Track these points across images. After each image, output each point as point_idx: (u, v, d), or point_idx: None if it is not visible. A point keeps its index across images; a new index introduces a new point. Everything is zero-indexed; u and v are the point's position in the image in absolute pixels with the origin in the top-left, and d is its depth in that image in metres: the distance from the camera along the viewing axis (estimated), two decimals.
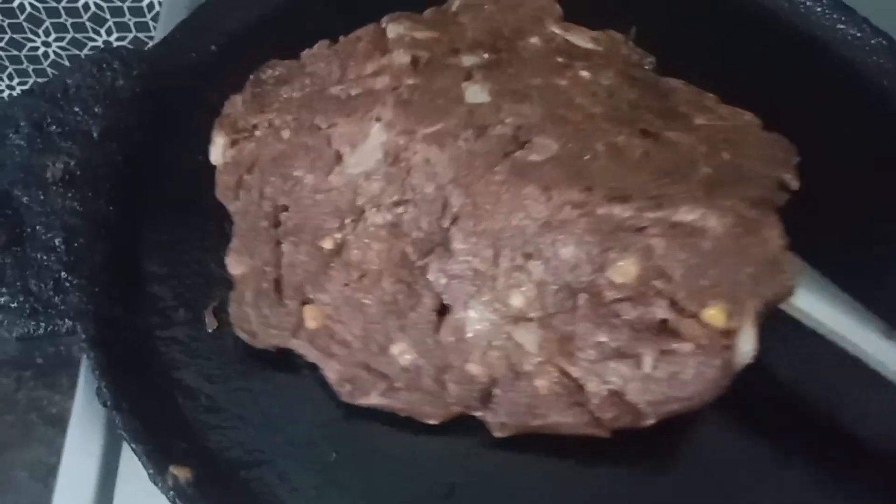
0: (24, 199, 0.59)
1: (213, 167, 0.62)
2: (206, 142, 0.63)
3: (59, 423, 1.08)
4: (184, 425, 0.53)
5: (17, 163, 0.61)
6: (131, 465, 0.53)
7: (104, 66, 0.65)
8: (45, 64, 1.19)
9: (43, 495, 1.03)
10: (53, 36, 1.15)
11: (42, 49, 1.17)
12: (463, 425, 0.52)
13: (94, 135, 0.62)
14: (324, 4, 0.74)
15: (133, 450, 0.50)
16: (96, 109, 0.63)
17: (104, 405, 0.52)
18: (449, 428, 0.52)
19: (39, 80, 1.21)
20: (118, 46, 0.67)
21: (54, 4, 1.10)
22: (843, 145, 0.66)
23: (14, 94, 1.24)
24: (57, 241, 0.57)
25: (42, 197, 0.59)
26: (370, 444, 0.52)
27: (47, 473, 1.04)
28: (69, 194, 0.59)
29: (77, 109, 0.63)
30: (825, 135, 0.66)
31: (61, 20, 1.13)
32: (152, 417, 0.52)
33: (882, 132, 0.68)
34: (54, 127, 0.62)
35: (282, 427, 0.53)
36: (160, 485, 0.49)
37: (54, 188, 0.60)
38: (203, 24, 0.70)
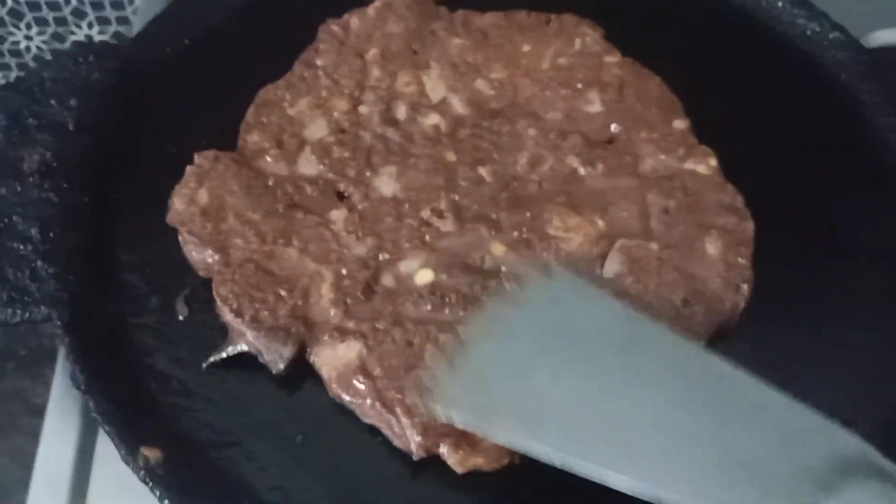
0: (2, 191, 0.60)
1: (185, 158, 0.63)
2: (179, 133, 0.65)
3: (42, 413, 1.09)
4: (155, 408, 0.54)
5: None
6: (107, 448, 0.55)
7: (79, 59, 0.67)
8: (28, 58, 1.20)
9: (25, 483, 1.05)
10: (35, 30, 1.16)
11: (24, 43, 1.17)
12: None
13: (70, 127, 0.64)
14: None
15: (106, 431, 0.52)
16: (72, 102, 0.65)
17: (78, 389, 0.54)
18: None
19: (21, 73, 1.22)
20: (93, 41, 0.69)
21: None
22: (801, 136, 0.68)
23: None
24: (33, 231, 0.59)
25: (19, 188, 0.61)
26: (335, 426, 0.54)
27: (30, 461, 1.05)
28: (45, 185, 0.61)
29: (53, 102, 0.65)
30: (784, 126, 0.69)
31: (42, 14, 1.13)
32: (125, 401, 0.53)
33: (839, 124, 0.70)
34: (31, 120, 0.64)
35: (250, 410, 0.55)
36: (132, 465, 0.51)
37: (31, 179, 0.61)
38: (176, 19, 0.72)
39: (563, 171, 0.62)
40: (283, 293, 0.56)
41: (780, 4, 0.75)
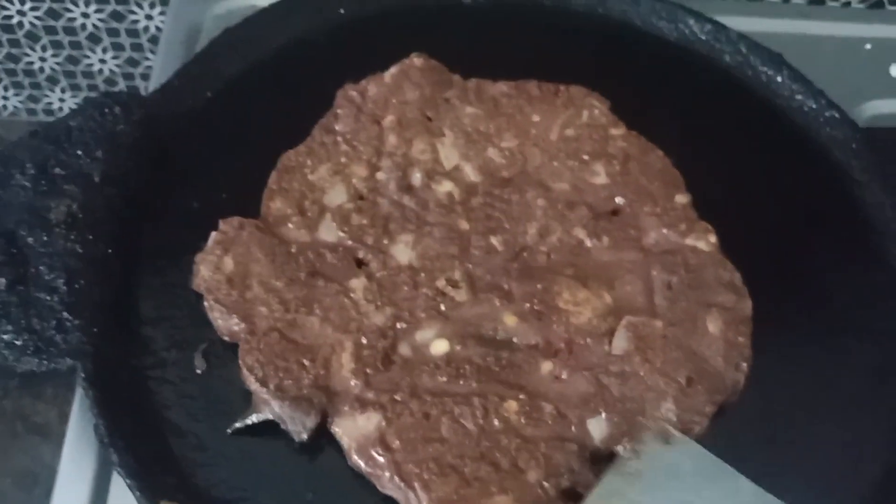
0: (29, 240, 0.62)
1: (206, 212, 0.66)
2: (201, 187, 0.68)
3: (44, 433, 1.12)
4: (173, 462, 0.57)
5: (23, 204, 0.64)
6: (120, 489, 0.57)
7: (106, 110, 0.69)
8: (41, 78, 1.22)
9: (25, 502, 1.07)
10: (50, 52, 1.18)
11: (38, 64, 1.20)
12: None
13: (96, 178, 0.66)
14: (317, 52, 0.78)
15: (127, 485, 0.55)
16: (98, 153, 0.67)
17: (101, 441, 0.56)
18: None
19: (34, 92, 1.24)
20: (119, 91, 0.71)
21: (53, 23, 1.13)
22: (796, 212, 0.71)
23: (8, 105, 1.27)
24: (59, 282, 0.61)
25: (45, 238, 0.63)
26: (345, 485, 0.57)
27: (31, 482, 1.08)
28: (71, 236, 0.63)
29: (79, 153, 0.67)
30: (779, 201, 0.72)
31: (58, 38, 1.16)
32: (145, 454, 0.56)
33: (832, 201, 0.73)
34: (58, 169, 0.66)
35: (262, 466, 0.57)
36: None
37: (57, 230, 0.63)
38: (200, 72, 0.74)
39: (570, 243, 0.65)
40: (306, 362, 0.58)
41: (778, 79, 0.78)
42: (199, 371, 0.60)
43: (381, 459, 0.55)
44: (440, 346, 0.60)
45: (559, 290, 0.62)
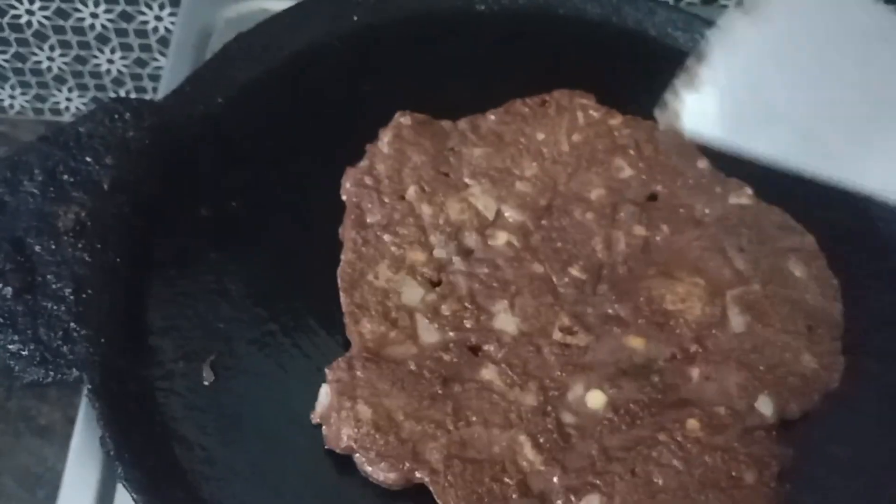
0: (37, 248, 0.62)
1: (216, 219, 0.65)
2: (210, 194, 0.67)
3: (47, 434, 1.12)
4: (181, 476, 0.56)
5: (31, 210, 0.63)
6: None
7: (116, 116, 0.68)
8: (49, 77, 1.21)
9: (28, 503, 1.07)
10: (58, 52, 1.17)
11: (46, 64, 1.19)
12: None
13: (105, 186, 0.65)
14: (331, 59, 0.77)
15: (134, 499, 0.54)
16: (107, 160, 0.66)
17: (108, 454, 0.55)
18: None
19: (41, 92, 1.24)
20: (130, 97, 0.70)
21: (61, 22, 1.13)
22: (812, 230, 0.70)
23: (15, 104, 1.27)
24: (67, 292, 0.60)
25: (53, 246, 0.62)
26: (355, 499, 0.56)
27: (34, 482, 1.08)
28: (79, 244, 0.62)
29: (89, 159, 0.66)
30: (796, 219, 0.70)
31: (67, 37, 1.15)
32: (152, 468, 0.55)
33: (852, 221, 0.70)
34: (66, 176, 0.65)
35: (271, 480, 0.56)
36: None
37: (65, 237, 0.62)
38: (211, 78, 0.73)
39: (637, 243, 0.64)
40: (504, 477, 0.54)
41: None
42: (207, 383, 0.59)
43: None
44: (597, 399, 0.57)
45: (660, 294, 0.61)
